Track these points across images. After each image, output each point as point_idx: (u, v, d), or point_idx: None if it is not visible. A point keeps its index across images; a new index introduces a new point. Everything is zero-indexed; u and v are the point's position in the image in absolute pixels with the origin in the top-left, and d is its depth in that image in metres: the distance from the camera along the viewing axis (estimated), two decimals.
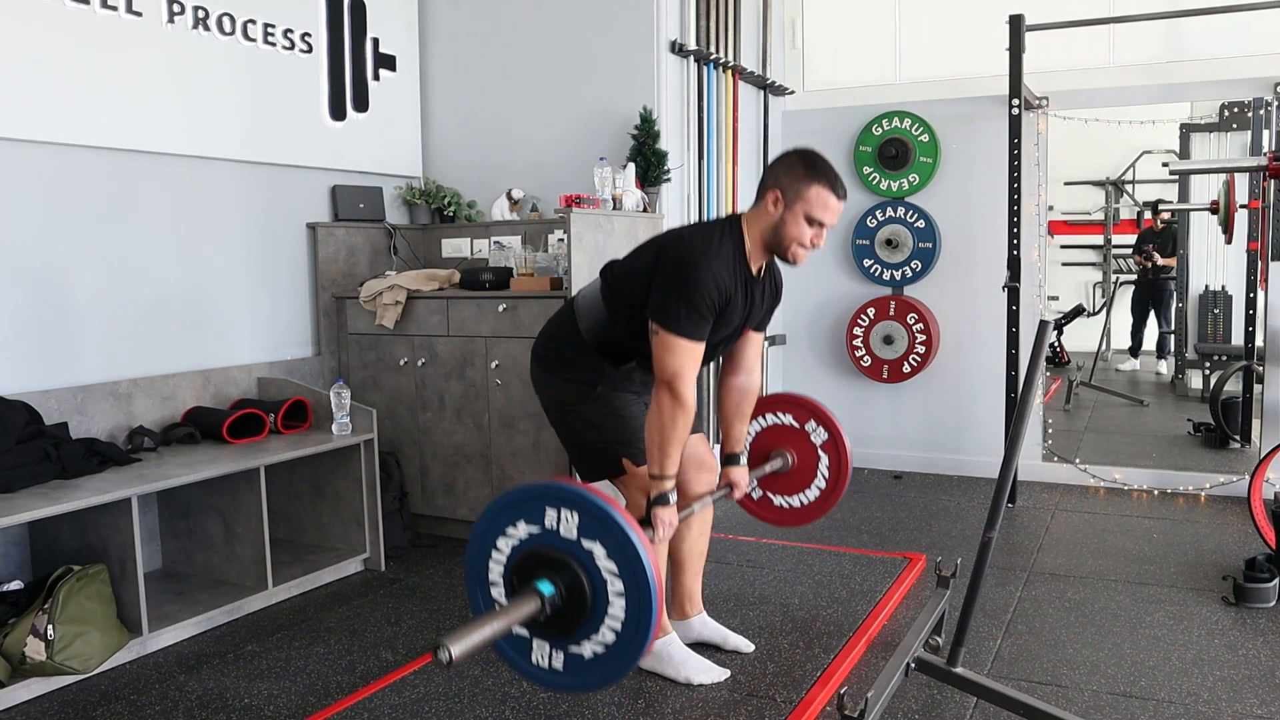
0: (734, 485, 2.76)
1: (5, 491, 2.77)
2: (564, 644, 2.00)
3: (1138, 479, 4.72)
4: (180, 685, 2.75)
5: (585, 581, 1.94)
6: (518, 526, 2.01)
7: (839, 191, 2.43)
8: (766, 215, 2.44)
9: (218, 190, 3.75)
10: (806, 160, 2.45)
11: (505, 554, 2.04)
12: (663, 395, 2.34)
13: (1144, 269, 6.57)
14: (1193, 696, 2.54)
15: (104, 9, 3.31)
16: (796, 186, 2.40)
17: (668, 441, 2.35)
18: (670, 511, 2.40)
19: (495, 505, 2.05)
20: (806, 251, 2.45)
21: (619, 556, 1.91)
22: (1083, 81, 4.70)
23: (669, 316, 2.32)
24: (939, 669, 2.41)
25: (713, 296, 2.33)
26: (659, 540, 2.41)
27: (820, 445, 3.10)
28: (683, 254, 2.36)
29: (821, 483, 3.11)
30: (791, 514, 3.19)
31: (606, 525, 1.92)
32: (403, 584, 3.55)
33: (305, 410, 3.70)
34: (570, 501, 1.95)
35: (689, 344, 2.33)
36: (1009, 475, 2.26)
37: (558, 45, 4.38)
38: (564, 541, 1.96)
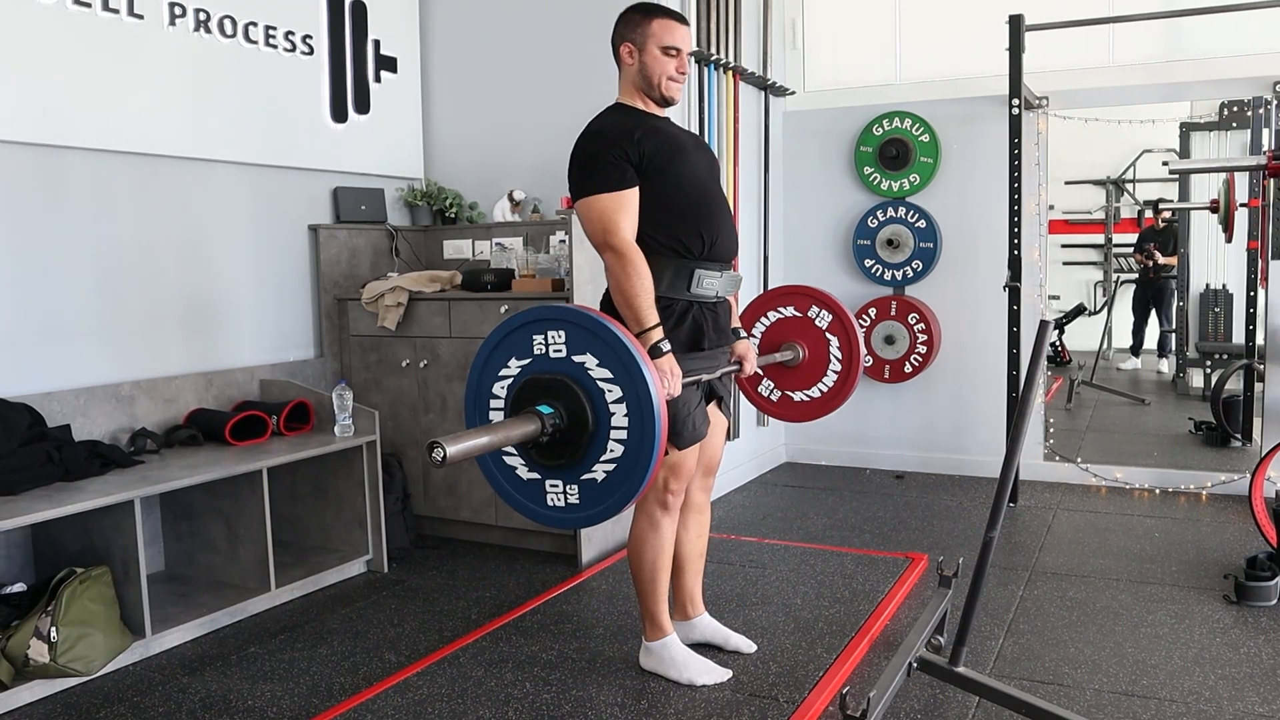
0: (742, 359, 2.72)
1: (8, 494, 2.77)
2: (574, 473, 1.97)
3: (1139, 478, 4.73)
4: (183, 687, 2.75)
5: (582, 395, 1.92)
6: (510, 365, 1.99)
7: (679, 18, 2.53)
8: (629, 68, 2.54)
9: (219, 192, 3.76)
10: (639, 6, 2.56)
11: (503, 397, 2.01)
12: (606, 260, 2.38)
13: (1145, 268, 6.56)
14: (1194, 695, 2.54)
15: (105, 11, 3.31)
16: (639, 28, 2.51)
17: (634, 295, 2.34)
18: (668, 360, 2.34)
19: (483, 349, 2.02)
20: (678, 84, 2.53)
21: (612, 363, 1.89)
22: (1083, 81, 4.70)
23: (582, 183, 2.40)
24: (941, 668, 2.41)
25: (609, 143, 2.39)
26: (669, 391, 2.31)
27: (827, 328, 3.08)
28: (577, 143, 2.46)
29: (836, 366, 3.09)
30: (813, 406, 3.16)
31: (593, 334, 1.90)
32: (405, 585, 3.55)
33: (307, 412, 3.70)
34: (553, 320, 1.94)
35: (605, 196, 2.37)
36: (1010, 475, 2.26)
37: (558, 46, 4.38)
38: (555, 363, 1.94)
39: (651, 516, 2.58)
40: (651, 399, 1.87)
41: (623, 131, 2.42)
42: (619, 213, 2.37)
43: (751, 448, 5.09)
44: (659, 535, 2.59)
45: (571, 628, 3.05)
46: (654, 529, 2.58)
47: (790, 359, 3.10)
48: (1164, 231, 6.43)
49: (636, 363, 1.87)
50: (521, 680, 2.69)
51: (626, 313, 2.36)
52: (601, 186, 2.37)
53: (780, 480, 5.05)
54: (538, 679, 2.70)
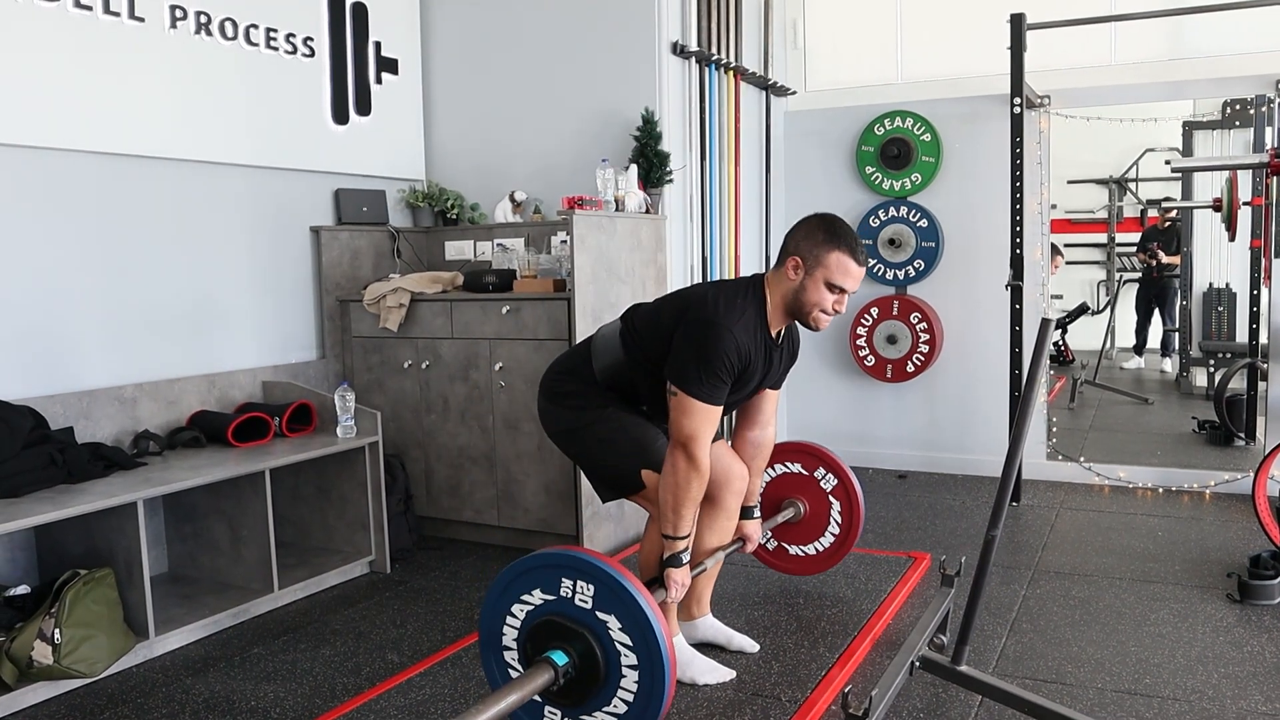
0: (747, 539, 2.82)
1: (12, 496, 2.78)
2: (574, 713, 2.02)
3: (1142, 477, 4.72)
4: (186, 688, 2.76)
5: (599, 653, 1.96)
6: (533, 594, 2.03)
7: (859, 258, 2.42)
8: (787, 281, 2.44)
9: (221, 195, 3.77)
10: (827, 226, 2.44)
11: (520, 620, 2.06)
12: (678, 457, 2.36)
13: (1148, 267, 6.55)
14: (1197, 693, 2.54)
15: (106, 15, 3.32)
16: (816, 253, 2.40)
17: (681, 503, 2.37)
18: (683, 573, 2.42)
19: (511, 570, 2.06)
20: (828, 318, 2.45)
21: (633, 630, 1.93)
22: (1085, 80, 4.70)
23: (687, 379, 2.34)
24: (944, 667, 2.41)
25: (732, 362, 2.35)
26: (671, 601, 2.44)
27: (830, 491, 3.17)
28: (706, 316, 2.37)
29: (835, 529, 3.20)
30: (807, 562, 3.28)
31: (622, 598, 1.93)
32: (408, 586, 3.55)
33: (310, 413, 3.71)
34: (586, 572, 1.97)
35: (705, 407, 2.34)
36: (1012, 473, 2.26)
37: (559, 47, 4.38)
38: (579, 611, 1.98)
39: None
40: (665, 681, 1.92)
41: (745, 352, 2.38)
42: (710, 425, 2.37)
43: None
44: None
45: None
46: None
47: (791, 517, 3.19)
48: (1167, 230, 6.42)
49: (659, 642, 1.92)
50: None
51: (668, 512, 2.38)
52: (706, 397, 2.34)
53: None
54: None
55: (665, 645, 1.92)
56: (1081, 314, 6.57)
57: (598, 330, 2.66)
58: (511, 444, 3.83)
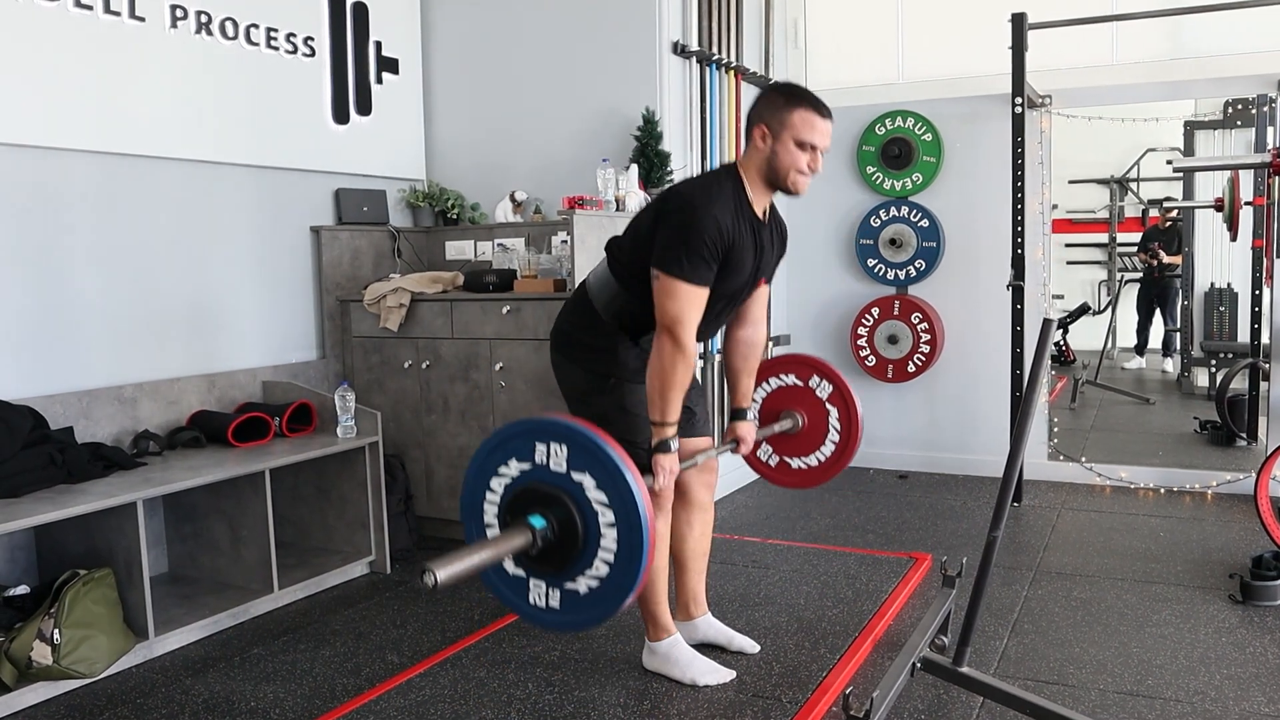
0: (740, 440, 2.75)
1: (11, 496, 2.77)
2: (559, 580, 1.99)
3: (1144, 477, 4.71)
4: (186, 689, 2.75)
5: (576, 513, 1.93)
6: (509, 465, 2.01)
7: (823, 111, 2.42)
8: (758, 152, 2.44)
9: (221, 194, 3.76)
10: (785, 90, 2.45)
11: (499, 494, 2.04)
12: (664, 341, 2.34)
13: (1149, 267, 6.54)
14: (1199, 695, 2.53)
15: (107, 14, 3.32)
16: (780, 115, 2.40)
17: (668, 387, 2.34)
18: (671, 458, 2.37)
19: (486, 445, 2.04)
20: (806, 178, 2.44)
21: (609, 487, 1.90)
22: (1086, 80, 4.69)
23: (669, 260, 2.33)
24: (945, 669, 2.41)
25: (714, 238, 2.33)
26: (660, 487, 2.38)
27: (827, 399, 3.08)
28: (683, 202, 2.37)
29: (835, 436, 3.09)
30: (811, 473, 3.16)
31: (595, 456, 1.91)
32: (408, 586, 3.55)
33: (310, 413, 3.70)
34: (559, 435, 1.95)
35: (690, 288, 2.32)
36: (1014, 474, 2.25)
37: (560, 47, 4.38)
38: (554, 475, 1.95)
39: None
40: (643, 535, 1.89)
41: (727, 229, 2.35)
42: (695, 308, 2.35)
43: None
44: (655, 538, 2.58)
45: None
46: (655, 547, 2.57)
47: (789, 428, 3.12)
48: (1168, 230, 6.41)
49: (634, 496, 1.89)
50: (524, 681, 2.69)
51: (655, 397, 2.36)
52: (690, 277, 2.32)
53: None
54: (540, 680, 2.70)
55: (641, 500, 1.88)
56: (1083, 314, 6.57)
57: (588, 275, 2.62)
58: None
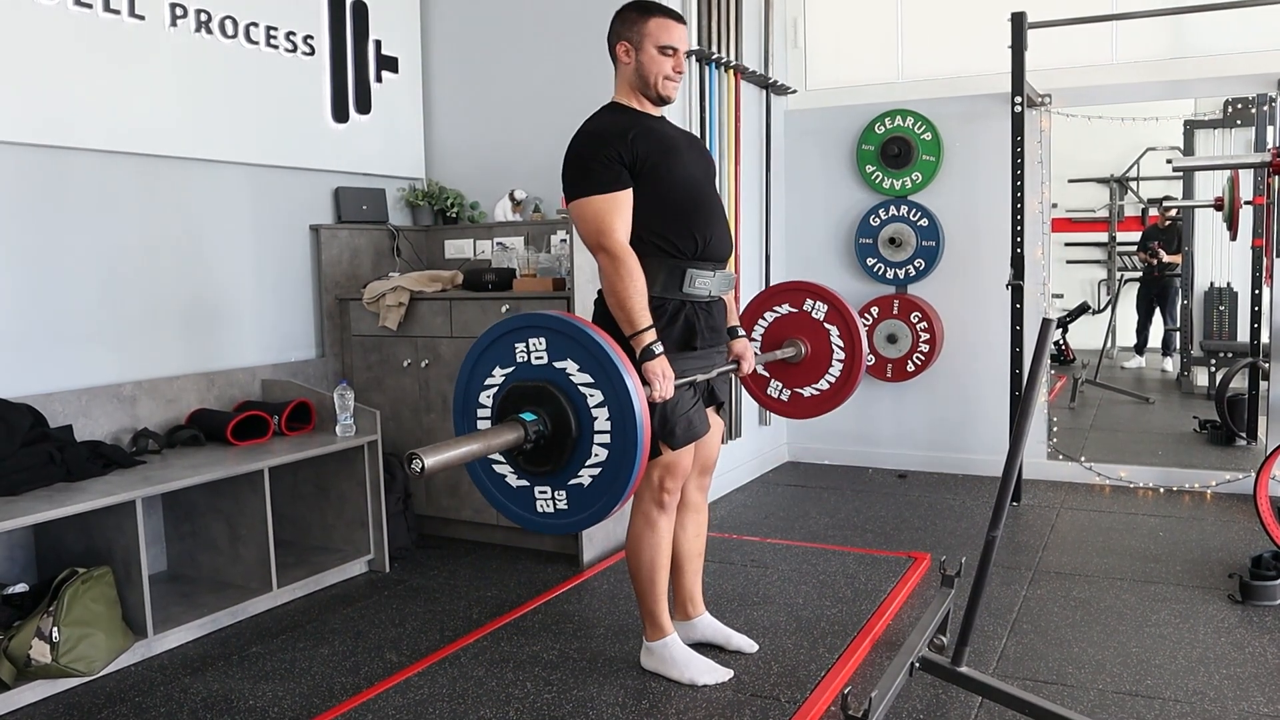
0: (740, 357, 2.73)
1: (10, 494, 2.77)
2: (562, 478, 1.99)
3: (1143, 477, 4.71)
4: (185, 687, 2.75)
5: (564, 401, 1.93)
6: (494, 374, 2.01)
7: (676, 17, 2.51)
8: (625, 67, 2.53)
9: (221, 193, 3.76)
10: (635, 4, 2.55)
11: (490, 407, 2.03)
12: (600, 261, 2.38)
13: (1149, 266, 6.54)
14: (1199, 695, 2.53)
15: (107, 12, 3.31)
16: (636, 27, 2.50)
17: (626, 297, 2.34)
18: (660, 362, 2.34)
19: (467, 361, 2.04)
20: (675, 83, 2.53)
21: (592, 367, 1.90)
22: (1086, 79, 4.69)
23: (576, 184, 2.39)
24: (944, 668, 2.40)
25: (600, 144, 2.38)
26: (659, 396, 2.32)
27: (824, 319, 3.06)
28: (571, 142, 2.45)
29: (840, 355, 3.07)
30: (825, 397, 3.13)
31: (574, 339, 1.91)
32: (407, 585, 3.55)
33: (309, 412, 3.70)
34: (533, 327, 1.95)
35: (599, 198, 2.36)
36: (1013, 473, 2.25)
37: (559, 46, 4.37)
38: (536, 370, 1.96)
39: (648, 516, 2.57)
40: (632, 401, 1.88)
41: (617, 132, 2.41)
42: (612, 214, 2.37)
43: (754, 447, 5.08)
44: (656, 535, 2.59)
45: (573, 628, 3.05)
46: (651, 529, 2.58)
47: (793, 355, 3.08)
48: (1168, 229, 6.41)
49: (615, 366, 1.88)
50: (522, 680, 2.69)
51: (619, 314, 2.36)
52: (595, 188, 2.37)
53: (782, 479, 5.04)
54: (539, 679, 2.70)
55: (626, 372, 1.87)
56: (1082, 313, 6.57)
57: None
58: None
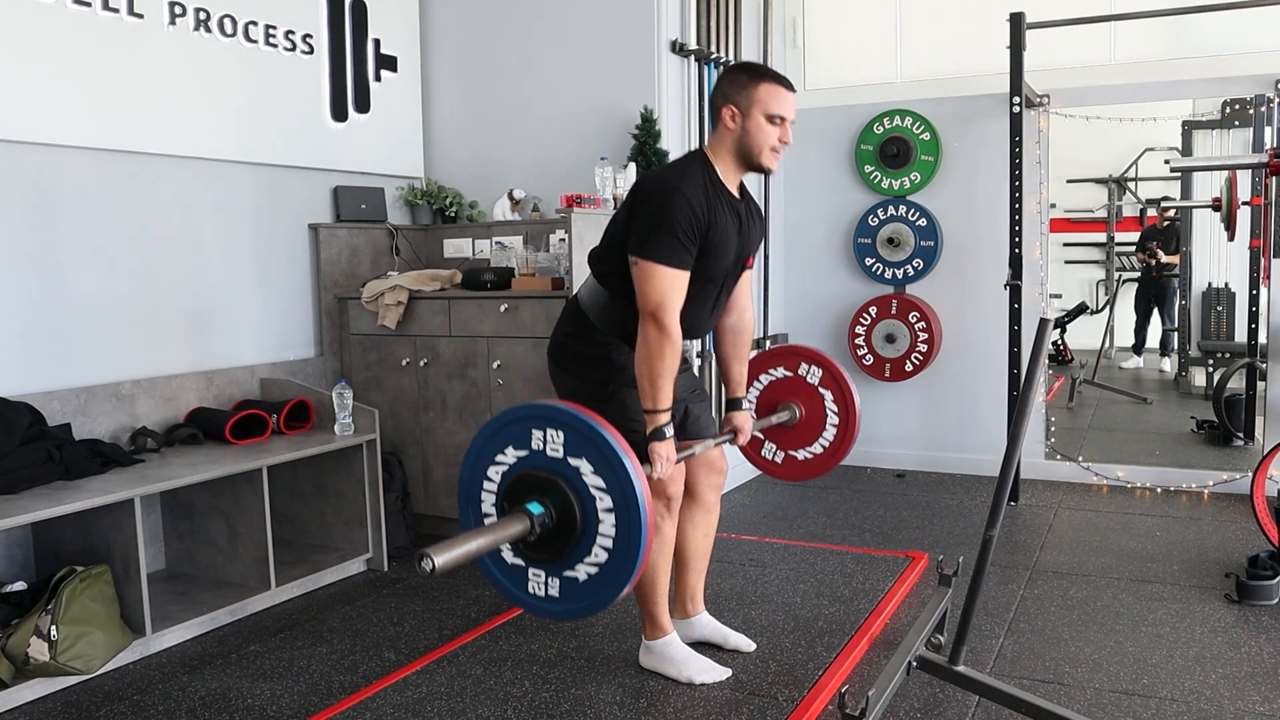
0: (738, 430, 2.74)
1: (9, 492, 2.77)
2: (558, 569, 1.99)
3: (1141, 476, 4.72)
4: (183, 685, 2.75)
5: (573, 499, 1.93)
6: (506, 452, 2.01)
7: (788, 84, 2.45)
8: (728, 132, 2.45)
9: (220, 191, 3.76)
10: (746, 68, 2.48)
11: (496, 482, 2.03)
12: (648, 327, 2.33)
13: (1147, 266, 6.56)
14: (1195, 694, 2.54)
15: (105, 11, 3.31)
16: (746, 93, 2.41)
17: (658, 374, 2.33)
18: (667, 445, 2.36)
19: (483, 433, 2.04)
20: (778, 154, 2.47)
21: (605, 471, 1.90)
22: (1084, 79, 4.69)
23: (646, 244, 2.32)
24: (941, 667, 2.41)
25: (688, 218, 2.33)
26: (659, 475, 2.37)
27: (819, 384, 3.07)
28: (652, 187, 2.38)
29: (834, 420, 3.08)
30: (818, 461, 3.15)
31: (592, 440, 1.91)
32: (405, 584, 3.55)
33: (308, 411, 3.71)
34: (555, 420, 1.94)
35: (670, 271, 2.32)
36: (1010, 473, 2.25)
37: (559, 45, 4.38)
38: (550, 461, 1.95)
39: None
40: (641, 520, 1.89)
41: (703, 209, 2.35)
42: (677, 292, 2.34)
43: None
44: (659, 538, 2.59)
45: (571, 626, 3.05)
46: (654, 531, 2.58)
47: (788, 419, 3.12)
48: (1166, 230, 6.42)
49: (631, 480, 1.89)
50: (521, 678, 2.69)
51: (644, 385, 2.35)
52: (671, 260, 2.32)
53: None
54: (537, 677, 2.70)
55: (639, 484, 1.88)
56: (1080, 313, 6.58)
57: (578, 290, 2.62)
58: None
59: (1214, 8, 4.26)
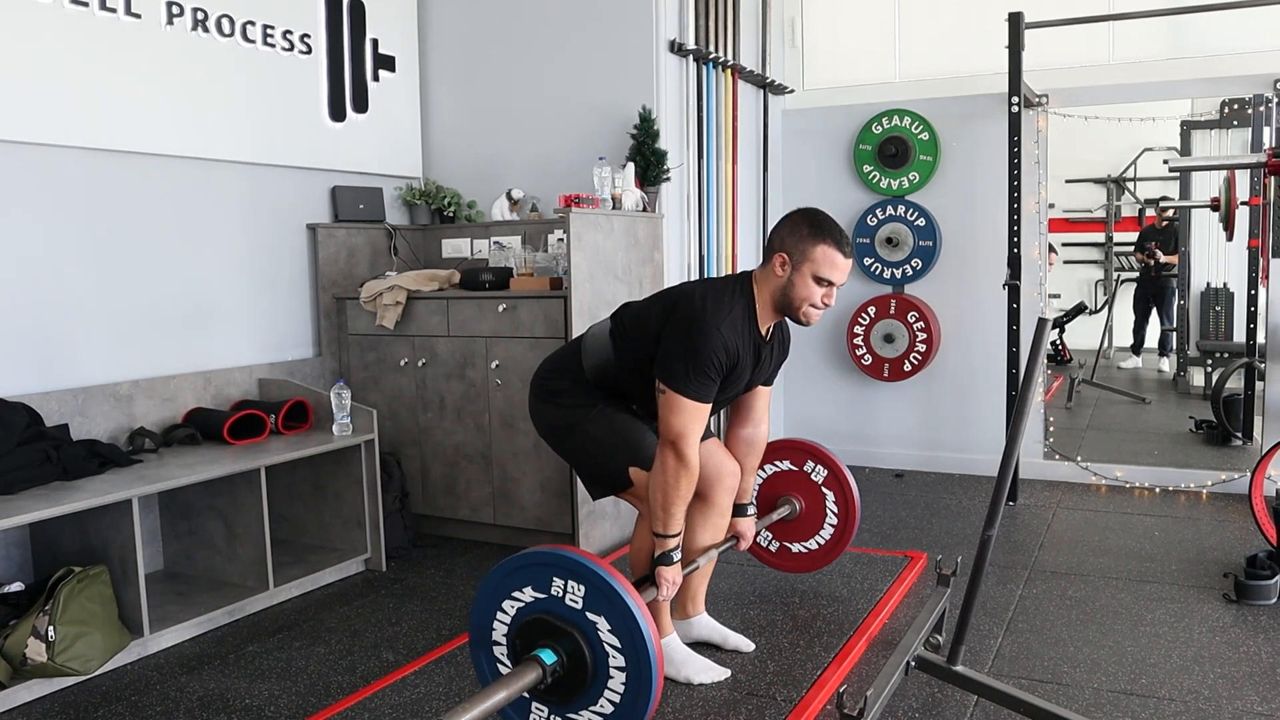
0: (740, 536, 2.81)
1: (6, 493, 2.77)
2: (561, 711, 2.03)
3: (1139, 476, 4.72)
4: (181, 686, 2.75)
5: (587, 653, 1.97)
6: (524, 592, 2.04)
7: (845, 249, 2.42)
8: (775, 278, 2.44)
9: (218, 192, 3.76)
10: (811, 220, 2.44)
11: (510, 616, 2.07)
12: (666, 455, 2.36)
13: (1146, 266, 6.56)
14: (1193, 694, 2.54)
15: (103, 11, 3.31)
16: (802, 247, 2.40)
17: (671, 502, 2.37)
18: (674, 570, 2.42)
19: (503, 567, 2.07)
20: (818, 312, 2.44)
21: (622, 633, 1.94)
22: (1083, 79, 4.69)
23: (675, 377, 2.34)
24: (939, 667, 2.41)
25: (720, 359, 2.34)
26: (662, 599, 2.44)
27: (823, 483, 3.15)
28: (693, 314, 2.37)
29: (833, 520, 3.18)
30: (810, 558, 3.27)
31: (612, 601, 1.94)
32: (404, 584, 3.55)
33: (306, 411, 3.70)
34: (578, 573, 1.97)
35: (694, 405, 2.34)
36: (1009, 473, 2.25)
37: (557, 45, 4.38)
38: (569, 611, 1.98)
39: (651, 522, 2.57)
40: (651, 686, 1.92)
41: (733, 350, 2.38)
42: (698, 423, 2.37)
43: None
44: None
45: None
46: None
47: (788, 514, 3.18)
48: (1165, 230, 6.42)
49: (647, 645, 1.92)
50: None
51: (659, 511, 2.39)
52: (698, 394, 2.34)
53: None
54: None
55: (654, 651, 1.92)
56: (1079, 313, 6.58)
57: (588, 329, 2.66)
58: (507, 442, 3.82)
59: (1212, 8, 4.26)
